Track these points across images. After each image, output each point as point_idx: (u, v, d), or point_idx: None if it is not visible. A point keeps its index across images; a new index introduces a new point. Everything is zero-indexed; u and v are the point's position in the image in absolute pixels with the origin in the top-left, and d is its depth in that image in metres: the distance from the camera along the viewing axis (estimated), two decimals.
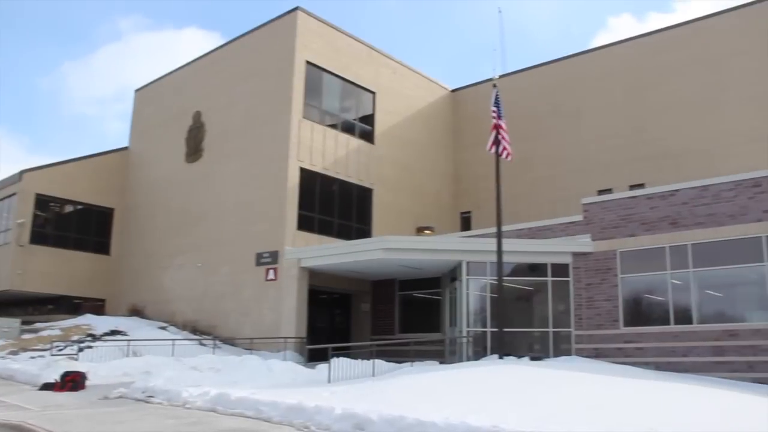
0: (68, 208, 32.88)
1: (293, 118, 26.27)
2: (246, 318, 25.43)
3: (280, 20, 28.16)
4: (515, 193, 27.90)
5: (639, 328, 19.90)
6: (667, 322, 19.45)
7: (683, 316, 19.24)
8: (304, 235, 25.67)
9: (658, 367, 18.38)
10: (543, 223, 22.84)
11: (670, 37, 28.76)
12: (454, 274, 22.64)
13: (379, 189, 29.57)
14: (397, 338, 24.66)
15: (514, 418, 9.59)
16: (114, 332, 24.84)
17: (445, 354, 22.69)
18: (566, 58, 32.02)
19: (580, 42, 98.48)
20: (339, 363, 16.22)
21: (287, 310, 23.81)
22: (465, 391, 12.46)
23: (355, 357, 17.57)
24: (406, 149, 31.42)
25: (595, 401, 11.39)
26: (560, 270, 21.47)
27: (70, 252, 31.68)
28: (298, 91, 26.71)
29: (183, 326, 27.09)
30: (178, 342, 22.76)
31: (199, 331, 26.64)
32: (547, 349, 21.05)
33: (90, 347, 21.94)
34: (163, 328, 26.42)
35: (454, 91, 35.58)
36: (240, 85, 29.00)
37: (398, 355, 20.80)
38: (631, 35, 30.65)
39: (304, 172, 26.26)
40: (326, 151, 27.44)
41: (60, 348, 22.03)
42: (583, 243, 21.30)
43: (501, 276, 18.73)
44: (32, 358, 21.08)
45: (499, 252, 18.74)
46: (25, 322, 27.31)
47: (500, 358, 17.83)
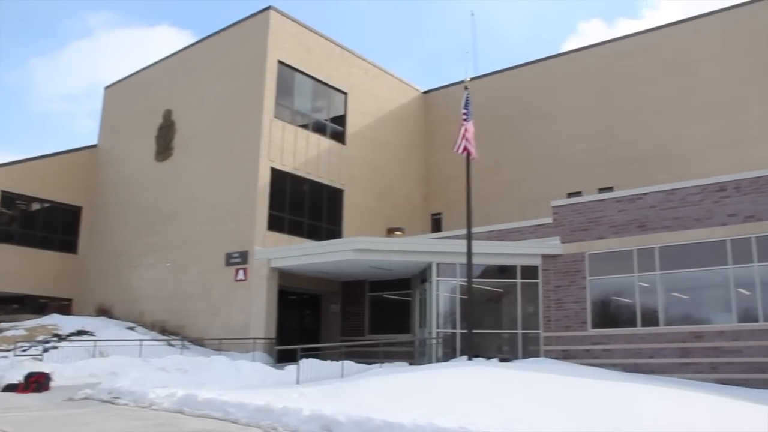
0: (35, 206, 32.37)
1: (264, 117, 26.14)
2: (215, 318, 25.25)
3: (253, 19, 28.01)
4: (486, 195, 28.09)
5: (606, 330, 20.12)
6: (634, 324, 19.69)
7: (650, 318, 19.49)
8: (275, 236, 25.55)
9: (625, 369, 18.61)
10: (513, 225, 22.99)
11: (639, 43, 29.12)
12: (424, 275, 22.70)
13: (350, 190, 29.54)
14: (367, 339, 24.66)
15: (482, 419, 9.64)
16: (80, 332, 24.46)
17: (414, 355, 22.75)
18: (537, 61, 32.26)
19: (551, 46, 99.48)
20: (308, 364, 16.21)
21: (256, 311, 23.69)
22: (433, 392, 12.50)
23: (325, 358, 17.54)
24: (377, 150, 31.43)
25: (562, 402, 11.50)
26: (529, 272, 21.64)
27: (37, 251, 31.14)
28: (270, 91, 26.59)
29: (151, 326, 26.78)
30: (145, 342, 22.51)
31: (168, 331, 26.37)
32: (516, 351, 21.18)
33: (55, 347, 21.61)
34: (131, 329, 26.10)
35: (425, 92, 35.68)
36: (211, 84, 28.79)
37: (368, 357, 20.80)
38: (601, 40, 31.05)
39: (274, 172, 26.14)
40: (297, 151, 27.35)
41: (24, 348, 21.64)
42: (553, 245, 21.48)
43: (471, 278, 18.82)
44: None
45: (469, 254, 18.83)
46: None
47: (469, 359, 17.92)
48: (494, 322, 22.30)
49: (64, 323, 25.44)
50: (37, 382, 15.71)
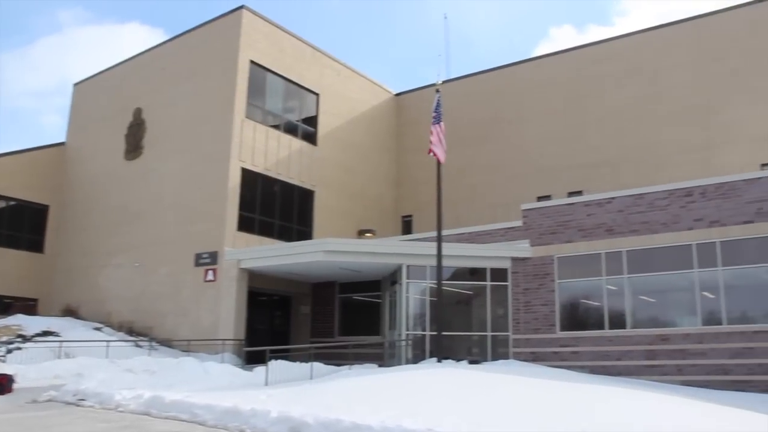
0: (0, 204, 31.86)
1: (236, 117, 25.99)
2: (184, 319, 25.02)
3: (225, 18, 27.84)
4: (456, 197, 28.26)
5: (575, 332, 20.31)
6: (602, 327, 19.91)
7: (618, 321, 19.72)
8: (245, 236, 25.42)
9: (593, 371, 18.80)
10: (483, 228, 23.11)
11: (609, 49, 29.46)
12: (395, 277, 22.74)
13: (321, 191, 29.49)
14: (337, 341, 24.65)
15: (450, 420, 9.69)
16: (46, 333, 24.10)
17: (384, 357, 22.78)
18: (508, 66, 32.48)
19: (523, 51, 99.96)
20: (277, 366, 16.15)
21: (226, 312, 23.53)
22: (402, 394, 12.51)
23: (294, 360, 17.50)
24: (348, 152, 31.42)
25: (531, 403, 11.58)
26: (499, 275, 21.77)
27: (2, 249, 30.52)
28: (241, 91, 26.44)
29: (119, 327, 26.48)
30: (113, 343, 22.22)
31: (136, 332, 26.08)
32: (485, 353, 21.31)
33: (19, 349, 21.22)
34: (98, 329, 25.77)
35: (398, 95, 35.74)
36: (182, 83, 28.55)
37: (337, 358, 20.79)
38: (572, 46, 31.32)
39: (245, 172, 26.01)
40: (268, 152, 27.24)
41: None
42: (522, 248, 21.63)
43: (441, 280, 18.88)
44: None
45: (439, 256, 18.89)
46: None
47: (439, 361, 17.97)
48: (464, 324, 22.42)
49: (29, 324, 25.03)
50: None
